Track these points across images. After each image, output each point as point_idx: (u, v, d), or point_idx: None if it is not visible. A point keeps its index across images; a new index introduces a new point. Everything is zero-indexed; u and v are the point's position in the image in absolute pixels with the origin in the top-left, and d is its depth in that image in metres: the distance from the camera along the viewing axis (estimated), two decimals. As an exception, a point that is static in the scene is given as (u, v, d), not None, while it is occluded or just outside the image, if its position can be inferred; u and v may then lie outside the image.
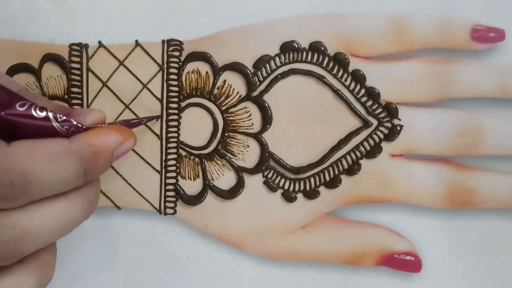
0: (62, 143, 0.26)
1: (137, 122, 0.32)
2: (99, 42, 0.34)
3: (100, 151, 0.26)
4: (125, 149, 0.28)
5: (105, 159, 0.27)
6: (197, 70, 0.34)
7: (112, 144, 0.27)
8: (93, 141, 0.26)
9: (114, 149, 0.27)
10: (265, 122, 0.34)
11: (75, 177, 0.26)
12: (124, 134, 0.27)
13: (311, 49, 0.34)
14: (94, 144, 0.26)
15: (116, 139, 0.27)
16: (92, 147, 0.26)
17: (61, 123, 0.26)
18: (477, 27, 0.33)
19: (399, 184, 0.34)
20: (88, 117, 0.27)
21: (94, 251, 0.35)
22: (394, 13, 0.34)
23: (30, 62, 0.34)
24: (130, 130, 0.29)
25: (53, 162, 0.25)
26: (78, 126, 0.27)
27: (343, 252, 0.35)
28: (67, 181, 0.26)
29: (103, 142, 0.27)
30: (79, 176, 0.26)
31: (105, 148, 0.27)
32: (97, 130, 0.27)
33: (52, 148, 0.25)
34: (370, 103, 0.34)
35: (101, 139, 0.27)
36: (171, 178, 0.35)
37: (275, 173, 0.35)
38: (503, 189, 0.34)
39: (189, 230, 0.35)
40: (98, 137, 0.27)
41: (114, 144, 0.27)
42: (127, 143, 0.28)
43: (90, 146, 0.26)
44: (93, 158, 0.26)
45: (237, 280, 0.35)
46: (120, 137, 0.27)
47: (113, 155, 0.27)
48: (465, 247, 0.35)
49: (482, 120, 0.34)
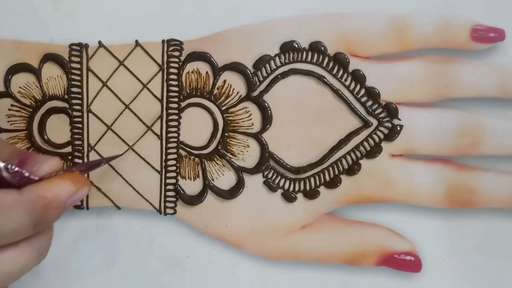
0: (12, 195, 0.26)
1: (96, 164, 0.31)
2: (99, 42, 0.34)
3: (51, 203, 0.26)
4: (78, 198, 0.28)
5: (57, 210, 0.27)
6: (197, 70, 0.34)
7: (64, 195, 0.27)
8: (45, 193, 0.26)
9: (66, 200, 0.27)
10: (265, 122, 0.34)
11: (25, 228, 0.26)
12: (78, 184, 0.27)
13: (311, 49, 0.34)
14: (46, 196, 0.26)
15: (68, 190, 0.27)
16: (44, 200, 0.26)
17: (12, 174, 0.26)
18: (477, 27, 0.33)
19: (399, 184, 0.34)
20: (42, 167, 0.27)
21: (94, 251, 0.35)
22: (394, 13, 0.34)
23: (30, 62, 0.34)
24: (84, 178, 0.29)
25: (3, 214, 0.25)
26: (30, 178, 0.27)
27: (343, 252, 0.35)
28: (17, 232, 0.26)
29: (55, 194, 0.26)
30: (30, 228, 0.26)
31: (57, 199, 0.27)
32: (49, 181, 0.27)
33: (2, 200, 0.25)
34: (370, 103, 0.34)
35: (53, 191, 0.26)
36: (171, 178, 0.35)
37: (275, 173, 0.35)
38: (503, 189, 0.34)
39: (189, 230, 0.35)
40: (50, 189, 0.26)
41: (66, 195, 0.27)
42: (80, 192, 0.28)
43: (41, 199, 0.26)
44: (44, 210, 0.26)
45: (237, 280, 0.35)
46: (73, 187, 0.27)
47: (66, 205, 0.27)
48: (465, 247, 0.35)
49: (482, 120, 0.34)
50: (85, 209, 0.35)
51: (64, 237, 0.35)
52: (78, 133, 0.34)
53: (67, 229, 0.35)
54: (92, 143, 0.34)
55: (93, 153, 0.34)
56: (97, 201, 0.35)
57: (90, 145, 0.34)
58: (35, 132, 0.34)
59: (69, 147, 0.35)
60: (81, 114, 0.34)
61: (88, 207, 0.35)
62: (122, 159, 0.34)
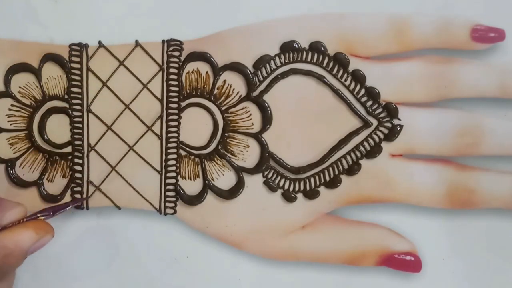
0: None
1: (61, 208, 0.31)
2: (99, 42, 0.34)
3: (12, 252, 0.26)
4: (40, 245, 0.28)
5: (17, 259, 0.27)
6: (197, 70, 0.34)
7: (26, 243, 0.27)
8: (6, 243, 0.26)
9: (28, 248, 0.27)
10: (265, 122, 0.34)
11: None
12: (40, 232, 0.28)
13: (311, 49, 0.34)
14: (7, 246, 0.26)
15: (31, 238, 0.27)
16: (5, 249, 0.26)
17: None
18: (477, 27, 0.33)
19: (399, 184, 0.34)
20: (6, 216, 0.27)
21: (94, 251, 0.35)
22: (394, 13, 0.34)
23: (30, 62, 0.34)
24: (47, 225, 0.29)
25: None
26: None
27: (343, 252, 0.35)
28: None
29: (16, 243, 0.27)
30: None
31: (18, 248, 0.27)
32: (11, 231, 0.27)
33: None
34: (370, 103, 0.34)
35: (14, 240, 0.26)
36: (171, 178, 0.35)
37: (275, 173, 0.35)
38: (503, 189, 0.34)
39: (189, 230, 0.35)
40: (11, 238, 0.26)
41: (28, 243, 0.27)
42: (43, 239, 0.28)
43: (2, 249, 0.26)
44: (4, 259, 0.26)
45: (237, 280, 0.35)
46: (35, 236, 0.27)
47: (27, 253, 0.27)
48: (465, 247, 0.35)
49: (482, 120, 0.34)
50: (85, 209, 0.35)
51: (64, 237, 0.35)
52: (78, 133, 0.34)
53: (67, 229, 0.35)
54: (92, 143, 0.35)
55: (93, 153, 0.34)
56: (97, 201, 0.35)
57: (90, 145, 0.35)
58: (35, 132, 0.35)
59: (69, 147, 0.35)
60: (81, 114, 0.34)
61: (88, 207, 0.35)
62: (122, 159, 0.34)
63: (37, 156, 0.35)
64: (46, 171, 0.35)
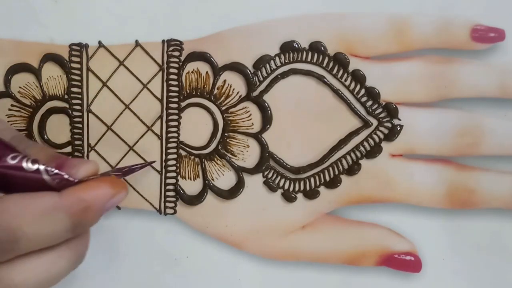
0: (52, 198, 0.26)
1: (131, 170, 0.31)
2: (99, 42, 0.34)
3: (90, 206, 0.26)
4: (116, 202, 0.28)
5: (96, 214, 0.27)
6: (197, 70, 0.34)
7: (103, 198, 0.27)
8: (84, 196, 0.26)
9: (105, 203, 0.27)
10: (265, 122, 0.34)
11: (64, 232, 0.26)
12: (116, 187, 0.27)
13: (311, 49, 0.34)
14: (85, 199, 0.26)
15: (107, 193, 0.27)
16: (83, 203, 0.26)
17: (52, 177, 0.26)
18: (477, 27, 0.33)
19: (399, 184, 0.34)
20: (80, 170, 0.27)
21: (94, 251, 0.35)
22: (394, 13, 0.34)
23: (30, 62, 0.34)
24: (122, 182, 0.28)
25: (42, 218, 0.25)
26: (69, 180, 0.26)
27: (343, 252, 0.35)
28: (56, 236, 0.26)
29: (94, 197, 0.26)
30: (68, 231, 0.26)
31: (96, 202, 0.26)
32: (88, 184, 0.27)
33: (42, 203, 0.25)
34: (370, 103, 0.34)
35: (92, 194, 0.26)
36: (171, 178, 0.35)
37: (275, 173, 0.35)
38: (503, 189, 0.34)
39: (189, 230, 0.35)
40: (89, 191, 0.26)
41: (105, 198, 0.27)
42: (119, 196, 0.27)
43: (81, 202, 0.26)
44: (83, 213, 0.26)
45: (237, 280, 0.35)
46: (112, 190, 0.27)
47: (104, 208, 0.27)
48: (465, 247, 0.35)
49: (482, 120, 0.34)
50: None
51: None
52: (78, 133, 0.34)
53: (67, 229, 0.35)
54: (92, 143, 0.35)
55: (93, 153, 0.35)
56: (97, 201, 0.35)
57: (90, 145, 0.35)
58: (35, 132, 0.35)
59: (69, 147, 0.35)
60: (81, 114, 0.34)
61: (88, 207, 0.35)
62: (122, 159, 0.34)
63: (37, 156, 0.35)
64: (46, 171, 0.35)
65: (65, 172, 0.26)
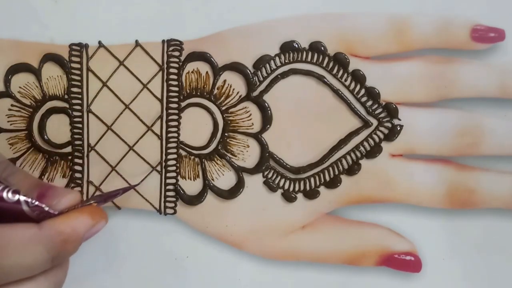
0: (31, 230, 0.26)
1: (113, 195, 0.32)
2: (99, 42, 0.34)
3: (70, 238, 0.27)
4: (95, 231, 0.28)
5: (74, 245, 0.27)
6: (197, 70, 0.34)
7: (82, 229, 0.27)
8: (64, 228, 0.27)
9: (84, 234, 0.27)
10: (265, 122, 0.34)
11: (42, 263, 0.26)
12: (96, 217, 0.28)
13: (311, 49, 0.34)
14: (64, 231, 0.27)
15: (86, 224, 0.27)
16: (62, 235, 0.26)
17: (32, 208, 0.27)
18: (477, 27, 0.33)
19: (399, 184, 0.34)
20: (61, 201, 0.27)
21: (94, 251, 0.35)
22: (394, 13, 0.34)
23: (30, 62, 0.34)
24: (102, 211, 0.29)
25: (21, 250, 0.25)
26: (49, 212, 0.27)
27: (343, 252, 0.35)
28: (34, 267, 0.26)
29: (73, 229, 0.27)
30: (47, 262, 0.26)
31: (75, 234, 0.27)
32: (68, 216, 0.27)
33: (21, 236, 0.26)
34: (370, 103, 0.34)
35: (71, 226, 0.27)
36: (171, 178, 0.35)
37: (275, 173, 0.35)
38: (503, 189, 0.34)
39: (189, 230, 0.35)
40: (68, 223, 0.27)
41: (84, 229, 0.27)
42: (98, 225, 0.28)
43: (60, 234, 0.26)
44: (62, 245, 0.27)
45: (237, 280, 0.35)
46: (91, 221, 0.28)
47: (83, 239, 0.28)
48: (465, 247, 0.35)
49: (482, 120, 0.34)
50: (85, 209, 0.35)
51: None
52: (78, 133, 0.34)
53: (67, 229, 0.35)
54: (92, 143, 0.34)
55: (93, 153, 0.34)
56: (97, 201, 0.35)
57: (90, 145, 0.35)
58: (35, 132, 0.35)
59: (69, 147, 0.35)
60: (81, 114, 0.34)
61: (88, 207, 0.35)
62: (122, 159, 0.34)
63: (37, 156, 0.35)
64: (46, 171, 0.35)
65: (45, 203, 0.27)
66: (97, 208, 0.29)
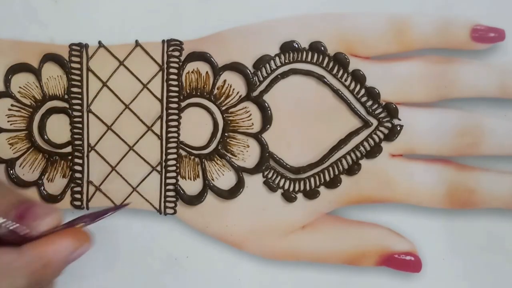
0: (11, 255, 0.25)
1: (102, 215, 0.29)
2: (99, 42, 0.34)
3: (51, 263, 0.25)
4: (78, 255, 0.27)
5: (56, 269, 0.26)
6: (197, 70, 0.34)
7: (64, 253, 0.26)
8: (44, 253, 0.25)
9: (66, 258, 0.26)
10: (265, 122, 0.34)
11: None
12: (79, 241, 0.26)
13: (311, 49, 0.34)
14: (45, 256, 0.25)
15: (69, 247, 0.26)
16: (43, 260, 0.25)
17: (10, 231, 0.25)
18: (477, 27, 0.33)
19: (399, 184, 0.34)
20: (42, 223, 0.26)
21: (94, 251, 0.35)
22: (394, 13, 0.34)
23: (30, 62, 0.34)
24: (85, 234, 0.27)
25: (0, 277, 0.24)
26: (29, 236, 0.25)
27: (343, 252, 0.35)
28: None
29: (55, 253, 0.25)
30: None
31: (57, 258, 0.26)
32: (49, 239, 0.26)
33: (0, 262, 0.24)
34: (370, 103, 0.34)
35: (53, 250, 0.25)
36: (171, 178, 0.35)
37: (275, 173, 0.35)
38: (503, 189, 0.34)
39: (189, 230, 0.35)
40: (50, 247, 0.25)
41: (66, 253, 0.26)
42: (81, 249, 0.27)
43: (40, 259, 0.25)
44: (43, 270, 0.25)
45: (237, 280, 0.35)
46: (74, 244, 0.26)
47: (66, 263, 0.26)
48: (465, 247, 0.35)
49: (482, 120, 0.34)
50: (85, 209, 0.35)
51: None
52: (78, 133, 0.34)
53: (67, 229, 0.35)
54: (92, 143, 0.35)
55: (93, 153, 0.35)
56: (97, 201, 0.35)
57: (90, 145, 0.35)
58: (35, 132, 0.35)
59: (69, 147, 0.35)
60: (81, 114, 0.34)
61: (88, 207, 0.35)
62: (122, 159, 0.34)
63: (37, 156, 0.35)
64: (46, 171, 0.35)
65: (25, 225, 0.25)
66: (80, 231, 0.27)
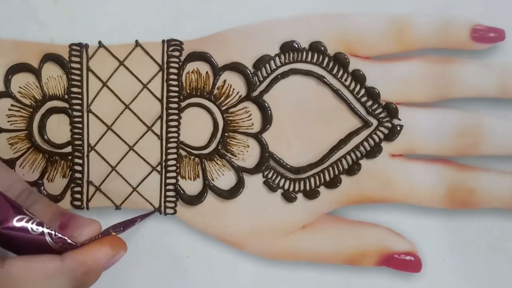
0: (55, 262, 0.27)
1: (131, 222, 0.32)
2: (99, 42, 0.34)
3: (91, 269, 0.28)
4: (115, 261, 0.29)
5: (96, 275, 0.28)
6: (197, 70, 0.34)
7: (103, 260, 0.28)
8: (86, 260, 0.27)
9: (105, 264, 0.28)
10: (265, 122, 0.34)
11: None
12: (116, 248, 0.29)
13: (311, 49, 0.34)
14: (87, 263, 0.27)
15: (107, 254, 0.28)
16: (84, 267, 0.27)
17: (55, 240, 0.28)
18: (477, 27, 0.33)
19: (399, 184, 0.34)
20: (83, 233, 0.28)
21: (94, 251, 0.35)
22: (394, 13, 0.34)
23: (30, 62, 0.34)
24: (121, 241, 0.30)
25: (44, 282, 0.26)
26: (72, 244, 0.28)
27: (343, 252, 0.35)
28: None
29: (95, 260, 0.28)
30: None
31: (97, 265, 0.28)
32: (90, 247, 0.28)
33: (45, 268, 0.26)
34: (370, 103, 0.34)
35: (93, 257, 0.28)
36: (171, 178, 0.35)
37: (275, 173, 0.35)
38: (503, 189, 0.34)
39: (189, 230, 0.35)
40: (90, 255, 0.28)
41: (105, 259, 0.28)
42: (118, 255, 0.29)
43: (82, 266, 0.27)
44: (84, 276, 0.27)
45: (237, 280, 0.35)
46: (112, 252, 0.28)
47: (104, 268, 0.28)
48: (465, 247, 0.35)
49: (482, 120, 0.34)
50: (85, 209, 0.35)
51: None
52: (78, 133, 0.34)
53: (67, 229, 0.35)
54: (92, 143, 0.35)
55: (93, 153, 0.35)
56: (97, 201, 0.35)
57: (90, 145, 0.35)
58: (35, 132, 0.35)
59: (69, 147, 0.35)
60: (81, 114, 0.34)
61: (88, 207, 0.35)
62: (122, 159, 0.34)
63: (37, 156, 0.35)
64: (46, 171, 0.35)
65: (67, 235, 0.28)
66: (117, 238, 0.30)
